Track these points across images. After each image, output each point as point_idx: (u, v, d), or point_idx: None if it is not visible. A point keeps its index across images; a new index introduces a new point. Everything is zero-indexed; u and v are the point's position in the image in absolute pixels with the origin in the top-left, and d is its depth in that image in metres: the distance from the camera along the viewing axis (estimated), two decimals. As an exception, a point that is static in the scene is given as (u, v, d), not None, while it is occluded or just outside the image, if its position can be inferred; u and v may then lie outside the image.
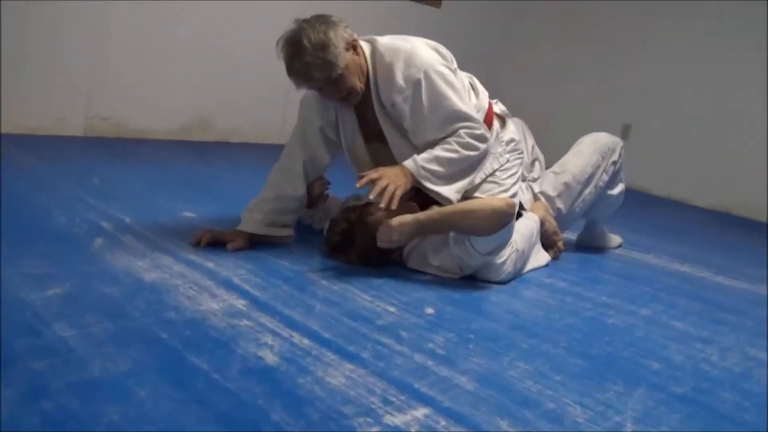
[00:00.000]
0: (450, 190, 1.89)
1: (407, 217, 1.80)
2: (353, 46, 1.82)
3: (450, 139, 1.86)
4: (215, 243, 1.88)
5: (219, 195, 2.58)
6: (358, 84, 1.83)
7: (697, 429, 1.24)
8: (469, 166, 1.90)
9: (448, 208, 1.84)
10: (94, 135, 3.30)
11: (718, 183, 4.28)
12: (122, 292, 1.46)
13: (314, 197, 2.10)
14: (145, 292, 1.48)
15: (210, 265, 1.73)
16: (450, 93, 1.85)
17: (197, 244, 1.86)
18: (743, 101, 4.19)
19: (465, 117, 1.87)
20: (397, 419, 1.11)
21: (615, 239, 2.68)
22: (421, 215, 1.82)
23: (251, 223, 1.92)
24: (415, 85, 1.82)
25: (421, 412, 1.15)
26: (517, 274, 2.03)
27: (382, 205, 1.76)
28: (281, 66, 1.82)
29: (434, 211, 1.84)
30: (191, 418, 1.02)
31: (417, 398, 1.19)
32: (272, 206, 1.95)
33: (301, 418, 1.07)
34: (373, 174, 1.79)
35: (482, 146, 1.90)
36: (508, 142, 2.04)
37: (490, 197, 1.90)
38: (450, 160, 1.85)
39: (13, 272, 1.47)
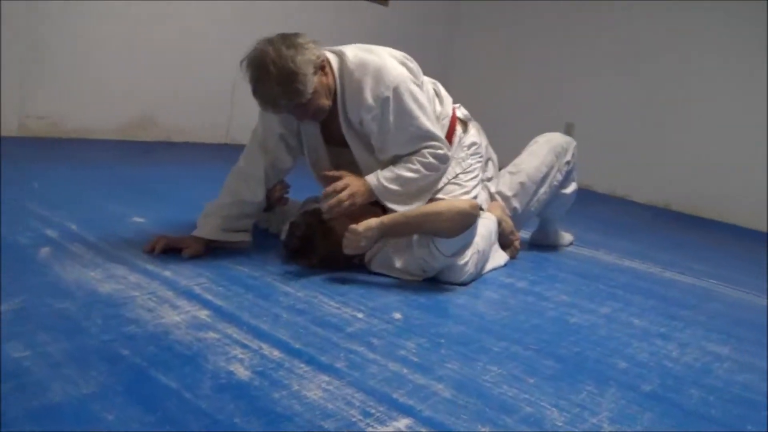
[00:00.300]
0: (401, 209, 1.88)
1: (372, 222, 1.77)
2: (321, 67, 1.77)
3: (413, 158, 1.86)
4: (170, 249, 1.80)
5: (168, 198, 2.48)
6: (326, 103, 1.80)
7: (669, 427, 1.26)
8: (427, 185, 1.91)
9: (412, 211, 1.82)
10: (29, 135, 3.12)
11: (658, 179, 4.42)
12: (76, 306, 1.38)
13: (274, 201, 2.04)
14: (101, 306, 1.40)
15: (167, 273, 1.65)
16: (417, 112, 1.84)
17: (151, 251, 1.78)
18: (680, 97, 4.34)
19: (430, 137, 1.87)
20: (379, 432, 1.08)
21: (567, 237, 2.73)
22: (385, 219, 1.79)
23: (208, 228, 1.85)
24: (384, 103, 1.80)
25: (402, 422, 1.12)
26: (478, 275, 2.03)
27: (324, 208, 1.75)
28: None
29: (399, 214, 1.82)
30: (165, 442, 0.97)
31: (397, 408, 1.16)
32: (229, 211, 1.88)
33: (281, 436, 1.02)
34: (338, 179, 1.76)
35: (443, 167, 1.92)
36: (469, 146, 2.04)
37: (453, 199, 1.89)
38: (410, 180, 1.86)
39: (-46, 288, 1.36)
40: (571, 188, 2.50)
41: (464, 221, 1.78)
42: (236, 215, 1.90)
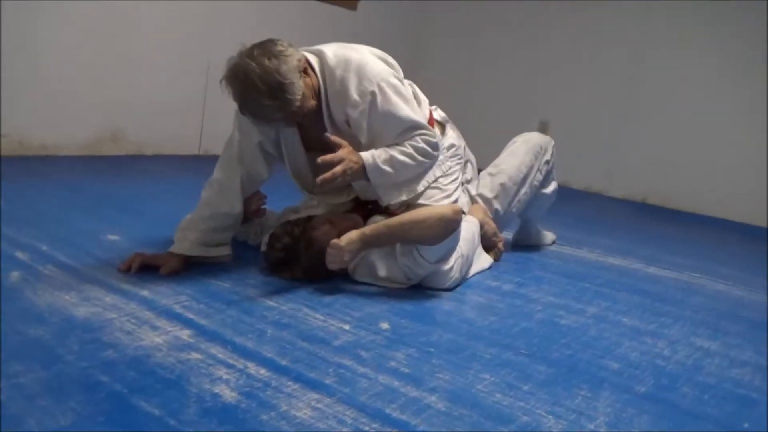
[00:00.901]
0: (393, 197, 1.85)
1: (353, 234, 1.73)
2: (303, 69, 1.74)
3: (407, 143, 1.82)
4: (147, 267, 1.74)
5: (141, 213, 2.41)
6: (313, 104, 1.77)
7: (667, 428, 1.24)
8: (417, 175, 1.88)
9: (393, 220, 1.78)
10: (-6, 154, 3.02)
11: (633, 174, 4.45)
12: (51, 332, 1.31)
13: (251, 212, 1.99)
14: (77, 331, 1.33)
15: (145, 293, 1.59)
16: (403, 104, 1.82)
17: (128, 270, 1.72)
18: (652, 91, 4.38)
19: (420, 126, 1.84)
20: (373, 451, 1.04)
21: (549, 236, 2.72)
22: (367, 230, 1.76)
23: (186, 243, 1.80)
24: (370, 98, 1.77)
25: (397, 440, 1.08)
26: (463, 280, 2.00)
27: (318, 180, 1.71)
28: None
29: (381, 224, 1.78)
30: (151, 474, 0.92)
31: (390, 424, 1.13)
32: (207, 225, 1.83)
33: (272, 461, 0.98)
34: (336, 162, 1.72)
35: (435, 154, 1.89)
36: (448, 148, 2.01)
37: (435, 205, 1.86)
38: (403, 165, 1.82)
39: None
40: (552, 187, 2.49)
41: (447, 227, 1.75)
42: (214, 228, 1.85)
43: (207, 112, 3.76)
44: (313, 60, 1.80)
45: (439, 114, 2.09)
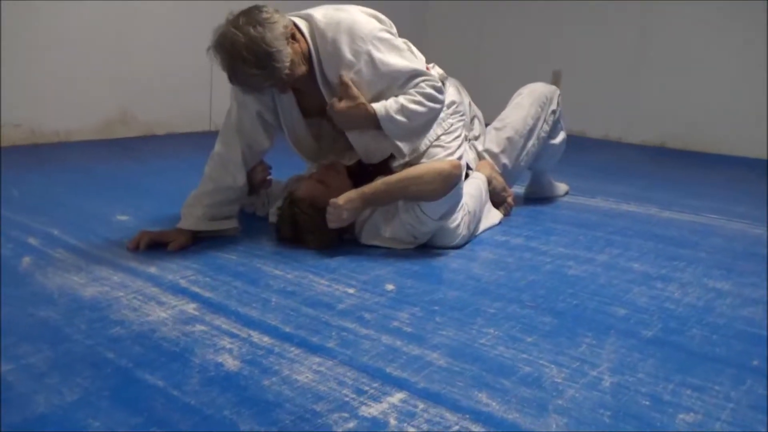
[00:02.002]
0: (406, 147, 1.84)
1: (352, 193, 1.74)
2: (291, 35, 1.72)
3: (413, 91, 1.80)
4: (155, 245, 1.77)
5: (152, 193, 2.44)
6: (303, 69, 1.75)
7: (672, 371, 1.23)
8: (427, 121, 1.85)
9: (391, 178, 1.78)
10: (8, 144, 3.07)
11: (651, 118, 4.35)
12: (60, 313, 1.35)
13: (256, 184, 2.00)
14: (85, 311, 1.37)
15: (153, 270, 1.62)
16: (398, 57, 1.80)
17: (136, 248, 1.75)
18: (666, 35, 4.25)
19: (421, 72, 1.82)
20: (373, 409, 1.05)
21: (562, 187, 2.68)
22: (366, 189, 1.76)
23: (192, 219, 1.82)
24: (365, 56, 1.75)
25: (396, 397, 1.09)
26: (472, 236, 2.00)
27: (332, 104, 1.76)
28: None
29: (379, 182, 1.78)
30: (153, 443, 0.94)
31: (390, 383, 1.14)
32: (212, 199, 1.84)
33: (272, 424, 1.00)
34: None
35: (441, 97, 1.86)
36: (449, 105, 1.98)
37: (433, 161, 1.85)
38: (415, 113, 1.80)
39: (-67, 308, 1.34)
40: (560, 138, 2.45)
41: (446, 182, 1.74)
42: (219, 202, 1.86)
43: (215, 87, 3.76)
44: (302, 24, 1.78)
45: (437, 71, 2.05)
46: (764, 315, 1.52)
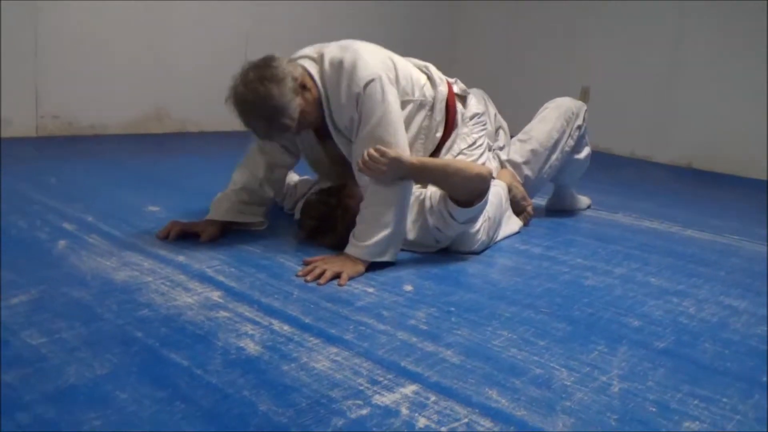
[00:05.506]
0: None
1: (404, 157, 1.71)
2: (302, 86, 1.74)
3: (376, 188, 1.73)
4: (184, 235, 1.83)
5: (182, 187, 2.52)
6: (314, 115, 1.79)
7: (681, 382, 1.25)
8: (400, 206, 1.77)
9: (440, 160, 1.88)
10: (46, 135, 3.19)
11: (678, 138, 4.34)
12: (92, 294, 1.41)
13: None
14: (116, 293, 1.43)
15: (181, 258, 1.68)
16: (381, 113, 1.73)
17: (165, 238, 1.81)
18: (697, 57, 4.24)
19: (387, 144, 1.72)
20: (386, 398, 1.09)
21: (584, 201, 2.70)
22: (415, 159, 1.76)
23: (221, 211, 1.88)
24: (356, 99, 1.74)
25: (409, 389, 1.13)
26: (491, 243, 2.03)
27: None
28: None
29: (429, 159, 1.86)
30: (176, 417, 0.99)
31: (404, 375, 1.18)
32: (239, 197, 1.90)
33: (289, 406, 1.05)
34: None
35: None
36: (471, 117, 2.03)
37: (472, 162, 1.89)
38: (377, 213, 1.73)
39: (-26, 282, 1.41)
40: (585, 153, 2.47)
41: (480, 184, 1.77)
42: (247, 201, 1.92)
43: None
44: (312, 68, 1.79)
45: (459, 87, 2.09)
46: (778, 334, 1.53)
